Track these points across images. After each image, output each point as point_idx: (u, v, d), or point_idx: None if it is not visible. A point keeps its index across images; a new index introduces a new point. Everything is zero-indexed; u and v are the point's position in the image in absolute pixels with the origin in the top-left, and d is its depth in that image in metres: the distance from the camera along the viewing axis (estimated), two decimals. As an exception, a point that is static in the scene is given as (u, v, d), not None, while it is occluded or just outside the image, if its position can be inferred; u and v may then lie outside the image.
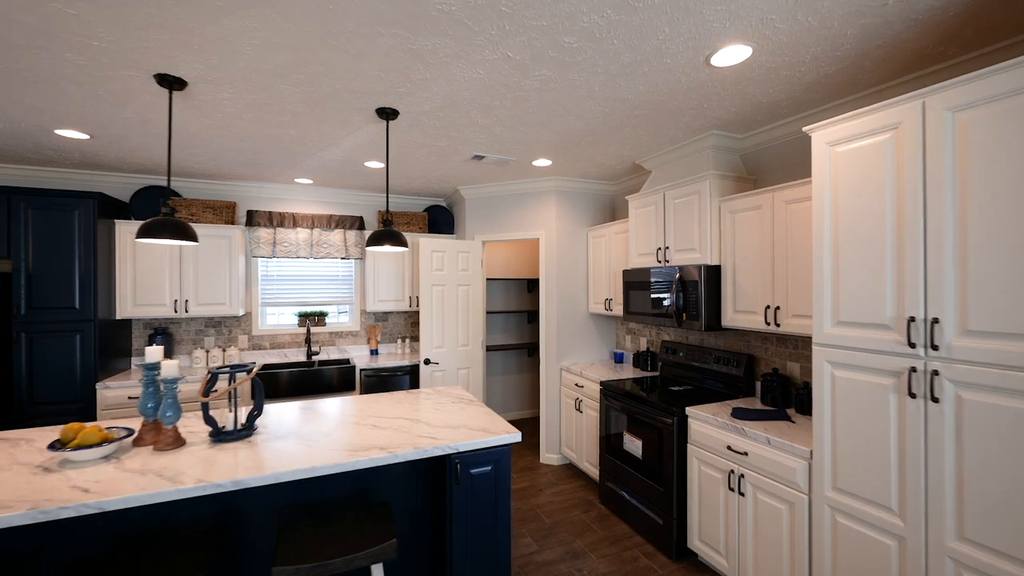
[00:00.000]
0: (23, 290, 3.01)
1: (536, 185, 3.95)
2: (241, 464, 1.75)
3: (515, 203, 4.08)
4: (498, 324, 5.15)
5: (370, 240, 2.32)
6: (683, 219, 2.86)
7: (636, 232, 3.28)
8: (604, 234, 3.81)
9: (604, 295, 3.80)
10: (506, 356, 5.19)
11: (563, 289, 3.97)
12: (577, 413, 3.66)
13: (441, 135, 2.75)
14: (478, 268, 4.15)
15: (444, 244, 4.01)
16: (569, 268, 4.00)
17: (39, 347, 3.06)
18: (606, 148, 3.05)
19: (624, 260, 3.56)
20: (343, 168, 3.49)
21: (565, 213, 3.98)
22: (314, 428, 2.17)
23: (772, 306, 2.34)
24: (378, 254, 4.22)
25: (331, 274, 4.42)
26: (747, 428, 2.16)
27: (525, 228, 4.05)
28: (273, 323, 4.26)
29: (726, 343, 3.00)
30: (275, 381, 3.58)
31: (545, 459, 3.98)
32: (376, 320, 4.56)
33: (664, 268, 2.97)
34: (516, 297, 5.25)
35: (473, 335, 4.12)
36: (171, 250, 3.55)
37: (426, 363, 3.92)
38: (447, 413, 2.40)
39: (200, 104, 2.27)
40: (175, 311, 3.57)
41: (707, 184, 2.68)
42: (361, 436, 2.05)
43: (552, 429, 3.97)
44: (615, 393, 3.09)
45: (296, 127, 2.59)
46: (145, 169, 3.52)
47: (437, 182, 3.99)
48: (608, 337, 4.16)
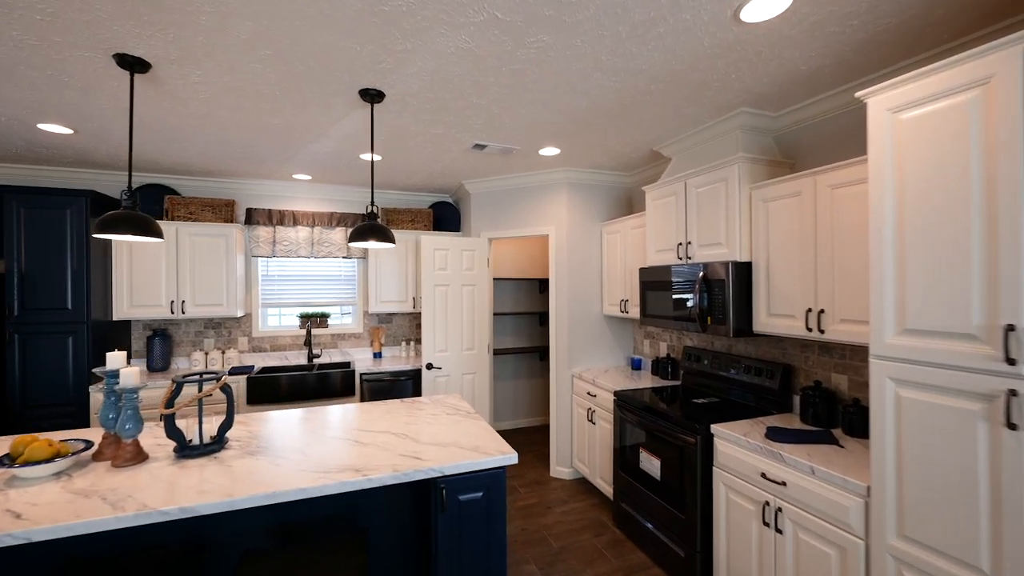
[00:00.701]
0: (16, 290, 2.93)
1: (545, 177, 3.67)
2: (200, 486, 1.54)
3: (523, 197, 3.81)
4: (508, 327, 4.88)
5: (353, 235, 2.10)
6: (708, 210, 2.53)
7: (654, 226, 2.96)
8: (619, 229, 3.50)
9: (619, 296, 3.49)
10: (516, 360, 4.93)
11: (575, 289, 3.68)
12: (589, 424, 3.36)
13: (435, 120, 2.51)
14: (484, 267, 3.90)
15: (447, 242, 3.77)
16: (581, 266, 3.70)
17: (32, 349, 2.97)
18: (619, 132, 2.75)
19: (641, 257, 3.24)
20: (338, 162, 3.29)
21: (577, 207, 3.68)
22: (290, 443, 1.95)
23: (814, 309, 2.00)
24: (380, 253, 4.02)
25: (333, 274, 4.25)
26: (785, 453, 1.83)
27: (533, 224, 3.77)
28: (275, 324, 4.11)
29: (758, 350, 2.65)
30: (272, 386, 3.42)
31: (556, 472, 3.69)
32: (380, 322, 4.36)
33: (686, 266, 2.64)
34: (527, 298, 4.97)
35: (479, 338, 3.86)
36: (167, 249, 3.43)
37: (428, 368, 3.68)
38: (439, 427, 2.15)
39: (173, 90, 2.09)
40: (172, 312, 3.44)
41: (735, 169, 2.35)
42: (338, 454, 1.82)
43: (563, 441, 3.68)
44: (630, 405, 2.78)
45: (278, 115, 2.39)
46: (139, 167, 3.40)
47: (439, 176, 3.75)
48: (624, 341, 3.84)
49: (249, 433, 2.09)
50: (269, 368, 3.78)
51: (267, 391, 3.41)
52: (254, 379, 3.38)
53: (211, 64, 1.86)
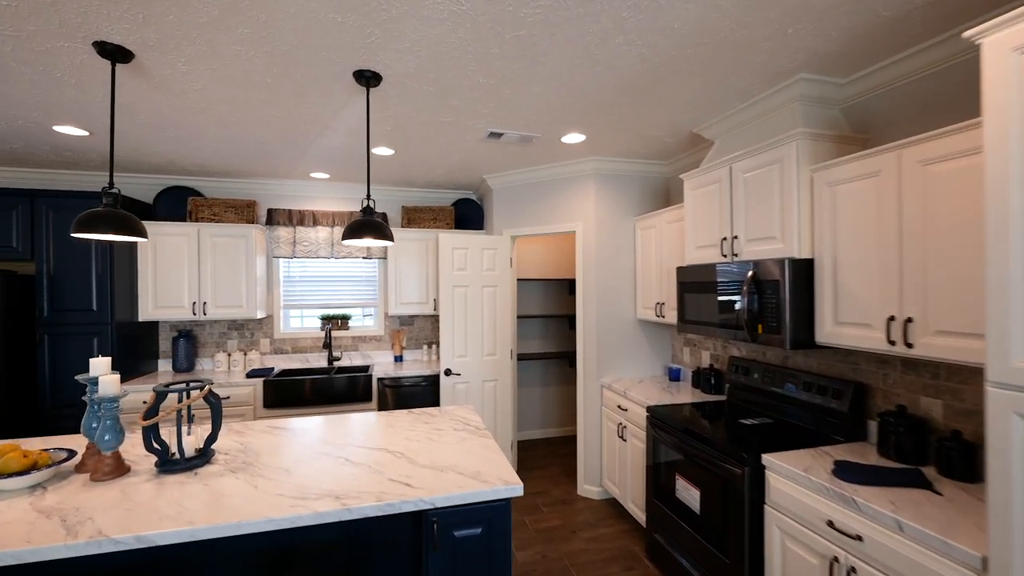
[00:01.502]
0: (45, 292, 2.99)
1: (570, 169, 3.36)
2: (166, 509, 1.39)
3: (547, 191, 3.52)
4: (535, 330, 4.60)
5: (346, 232, 1.90)
6: (758, 199, 2.15)
7: (694, 219, 2.59)
8: (654, 224, 3.13)
9: (655, 298, 3.13)
10: (545, 366, 4.63)
11: (604, 290, 3.35)
12: (620, 441, 3.02)
13: (441, 106, 2.28)
14: (506, 267, 3.64)
15: (467, 240, 3.54)
16: (611, 265, 3.36)
17: (60, 349, 3.02)
18: (651, 112, 2.40)
19: (679, 255, 2.87)
20: (350, 158, 3.15)
21: (606, 201, 3.35)
22: (278, 459, 1.79)
23: (899, 317, 1.59)
24: (399, 253, 3.86)
25: (354, 275, 4.14)
26: (860, 498, 1.45)
27: (559, 220, 3.47)
28: (297, 326, 4.05)
29: (821, 365, 2.23)
30: (287, 390, 3.33)
31: (584, 491, 3.38)
32: (401, 324, 4.21)
33: (732, 264, 2.27)
34: (556, 299, 4.67)
35: (500, 343, 3.61)
36: (189, 251, 3.43)
37: (447, 374, 3.48)
38: (441, 445, 1.92)
39: (164, 82, 1.98)
40: (193, 313, 3.44)
41: (793, 148, 1.96)
42: (324, 476, 1.63)
43: (591, 457, 3.35)
44: (665, 423, 2.43)
45: (276, 106, 2.25)
46: (162, 169, 3.42)
47: (459, 171, 3.54)
48: (661, 349, 3.46)
49: (240, 446, 1.95)
50: (288, 371, 3.71)
51: (283, 395, 3.33)
52: (270, 383, 3.31)
53: (191, 49, 1.72)
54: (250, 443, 1.98)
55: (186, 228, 3.42)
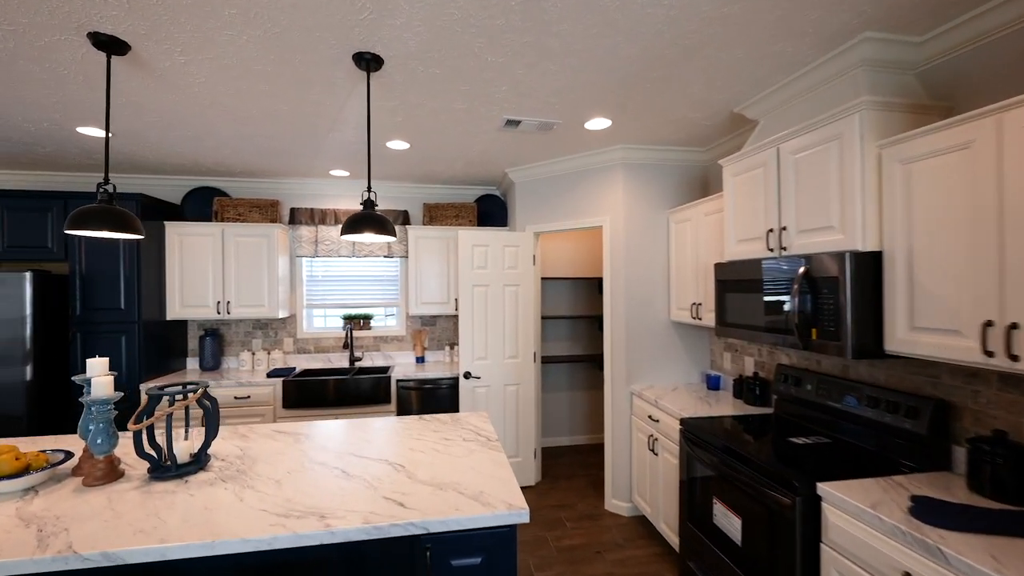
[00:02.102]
0: (78, 291, 3.07)
1: (597, 159, 3.12)
2: (144, 522, 1.30)
3: (572, 184, 3.29)
4: (562, 331, 4.38)
5: (345, 227, 1.77)
6: (811, 183, 1.85)
7: (735, 210, 2.30)
8: (689, 216, 2.84)
9: (690, 298, 2.84)
10: (572, 370, 4.40)
11: (634, 290, 3.09)
12: (651, 455, 2.76)
13: (452, 92, 2.12)
14: (529, 265, 3.45)
15: (488, 237, 3.38)
16: (642, 263, 3.10)
17: (91, 347, 3.10)
18: (684, 90, 2.14)
19: (718, 250, 2.57)
20: (365, 153, 3.05)
21: (636, 192, 3.09)
22: (272, 468, 1.68)
23: (999, 323, 1.27)
24: (420, 251, 3.75)
25: (376, 274, 4.07)
26: (950, 548, 1.16)
27: (584, 214, 3.24)
28: (320, 326, 4.03)
29: (890, 377, 1.90)
30: (306, 391, 3.29)
31: (611, 506, 3.13)
32: (423, 324, 4.10)
33: (779, 260, 1.98)
34: (584, 299, 4.42)
35: (523, 345, 3.42)
36: (213, 250, 3.46)
37: (466, 377, 3.32)
38: (446, 458, 1.75)
39: (166, 75, 1.93)
40: (217, 312, 3.46)
41: (855, 121, 1.65)
42: (313, 489, 1.50)
43: (620, 469, 3.10)
44: (702, 438, 2.16)
45: (282, 99, 2.16)
46: (188, 170, 3.46)
47: (479, 165, 3.37)
48: (698, 353, 3.16)
49: (239, 451, 1.86)
50: (309, 371, 3.68)
51: (301, 396, 3.28)
52: (289, 383, 3.27)
53: (183, 36, 1.64)
54: (250, 448, 1.89)
55: (211, 228, 3.45)
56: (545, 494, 3.36)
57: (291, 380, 3.28)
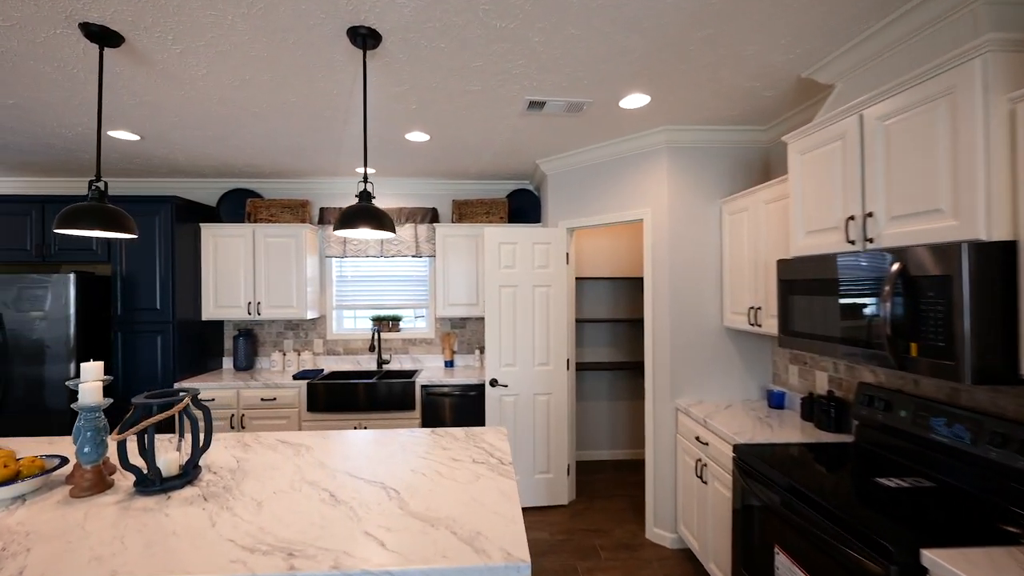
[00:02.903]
0: (119, 292, 3.18)
1: (636, 143, 2.78)
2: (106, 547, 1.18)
3: (609, 174, 2.97)
4: (602, 336, 4.04)
5: (338, 222, 1.60)
6: (909, 155, 1.44)
7: (804, 195, 1.91)
8: (746, 206, 2.44)
9: (747, 301, 2.44)
10: (613, 378, 4.05)
11: (680, 292, 2.72)
12: (699, 482, 2.39)
13: (463, 70, 1.89)
14: (562, 264, 3.16)
15: (516, 234, 3.13)
16: (690, 260, 2.72)
17: (130, 346, 3.19)
18: (738, 51, 1.78)
19: (783, 244, 2.17)
20: (386, 147, 2.90)
21: (683, 180, 2.71)
22: (259, 486, 1.54)
23: None
24: (447, 251, 3.57)
25: (404, 274, 3.95)
26: None
27: (622, 207, 2.91)
28: (350, 327, 3.97)
29: (1021, 408, 1.45)
30: (329, 394, 3.20)
31: (653, 535, 2.78)
32: (452, 327, 3.93)
33: (862, 255, 1.58)
34: (626, 301, 4.06)
35: (555, 351, 3.14)
36: (245, 251, 3.47)
37: (492, 385, 3.10)
38: (448, 484, 1.53)
39: (167, 68, 1.85)
40: (248, 313, 3.48)
41: (976, 68, 1.24)
42: (293, 516, 1.33)
43: (663, 494, 2.74)
44: (760, 472, 1.79)
45: (288, 89, 2.04)
46: (221, 172, 3.50)
47: (507, 156, 3.14)
48: (757, 366, 2.73)
49: (235, 463, 1.74)
50: (337, 373, 3.61)
51: (325, 399, 3.21)
52: (314, 386, 3.21)
53: (170, 21, 1.53)
54: (247, 461, 1.77)
55: (242, 229, 3.46)
56: (579, 515, 3.06)
57: (315, 383, 3.21)
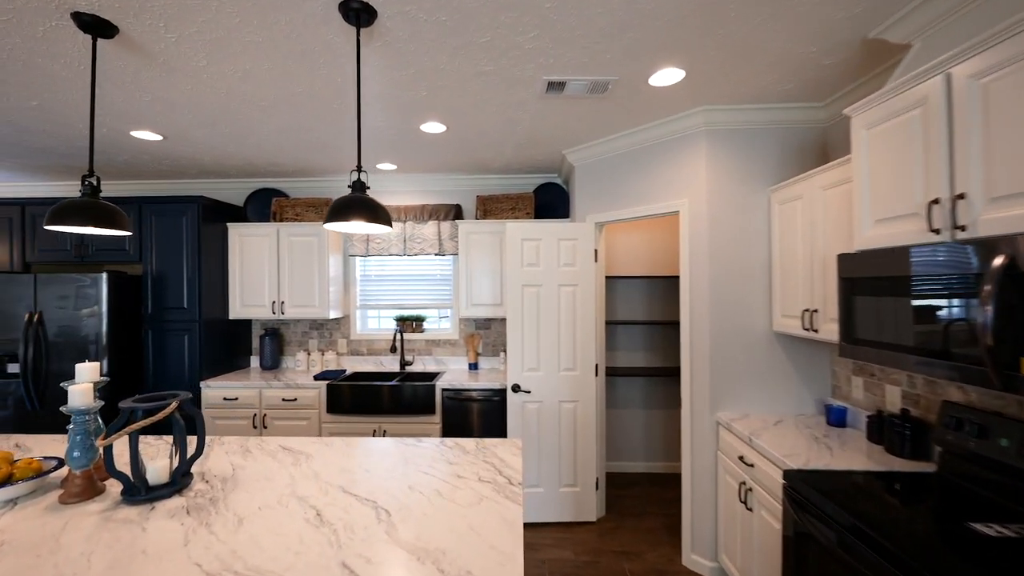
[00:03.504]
0: (149, 291, 3.25)
1: (670, 127, 2.51)
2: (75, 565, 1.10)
3: (640, 163, 2.72)
4: (637, 339, 3.76)
5: (329, 215, 1.47)
6: (1013, 121, 1.13)
7: (871, 175, 1.60)
8: (800, 193, 2.13)
9: (801, 303, 2.13)
10: (649, 385, 3.76)
11: (722, 291, 2.43)
12: (743, 508, 2.10)
13: (470, 47, 1.73)
14: (589, 262, 2.93)
15: (540, 230, 2.94)
16: (733, 257, 2.42)
17: (159, 345, 3.26)
18: (790, 11, 1.51)
19: (845, 236, 1.86)
20: (403, 140, 2.79)
21: (724, 166, 2.42)
22: (246, 498, 1.44)
23: None
24: (471, 249, 3.43)
25: (428, 273, 3.85)
26: None
27: (656, 199, 2.65)
28: (374, 327, 3.92)
29: None
30: (348, 396, 3.13)
31: (690, 562, 2.50)
32: (477, 328, 3.78)
33: (950, 247, 1.28)
34: (663, 302, 3.76)
35: (582, 356, 2.92)
36: (269, 250, 3.48)
37: (515, 390, 2.92)
38: (446, 506, 1.37)
39: (168, 60, 1.80)
40: (272, 312, 3.48)
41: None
42: (271, 538, 1.21)
43: (703, 517, 2.46)
44: (816, 505, 1.50)
45: (291, 78, 1.95)
46: (246, 172, 3.53)
47: (531, 147, 2.95)
48: (813, 376, 2.40)
49: (231, 470, 1.66)
50: (358, 374, 3.55)
51: (344, 401, 3.14)
52: (333, 387, 3.15)
53: (160, 8, 1.46)
54: (243, 468, 1.68)
55: (267, 228, 3.47)
56: (608, 534, 2.83)
57: (335, 384, 3.15)
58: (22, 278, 2.99)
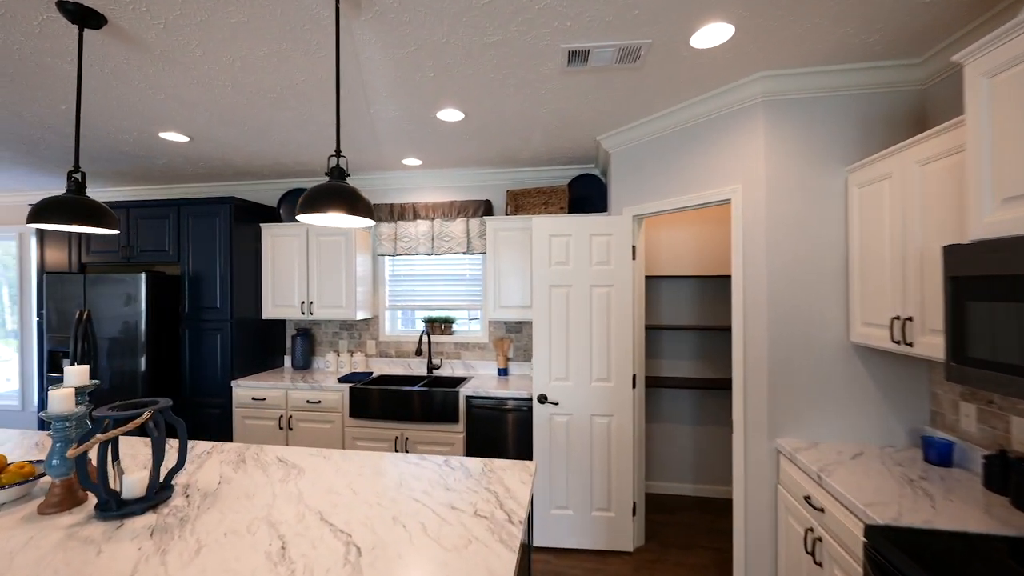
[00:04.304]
0: (186, 291, 3.33)
1: (720, 101, 2.14)
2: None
3: (684, 146, 2.36)
4: (684, 346, 3.37)
5: (301, 206, 1.30)
6: None
7: (994, 140, 1.19)
8: (889, 171, 1.70)
9: (889, 309, 1.70)
10: (698, 397, 3.35)
11: (783, 293, 2.03)
12: (809, 560, 1.71)
13: (472, 11, 1.50)
14: (626, 259, 2.61)
15: (569, 224, 2.65)
16: (797, 251, 2.02)
17: (196, 343, 3.32)
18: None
19: (953, 223, 1.43)
20: (420, 131, 2.62)
21: (787, 144, 2.02)
22: (216, 519, 1.31)
23: None
24: (499, 247, 3.21)
25: (458, 273, 3.67)
26: None
27: (703, 186, 2.28)
28: (404, 328, 3.81)
29: None
30: (370, 400, 3.02)
31: (744, 615, 2.11)
32: (508, 331, 3.56)
33: None
34: (715, 305, 3.33)
35: (618, 365, 2.60)
36: (299, 250, 3.46)
37: (541, 401, 2.66)
38: (428, 548, 1.16)
39: (165, 51, 1.73)
40: (302, 313, 3.46)
41: None
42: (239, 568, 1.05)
43: (758, 560, 2.07)
44: (914, 582, 1.13)
45: (291, 62, 1.83)
46: (276, 173, 3.53)
47: (562, 133, 2.67)
48: (905, 398, 1.93)
49: (215, 484, 1.55)
50: (383, 377, 3.45)
51: (366, 406, 3.03)
52: (355, 391, 3.05)
53: (138, -15, 1.37)
54: (230, 481, 1.57)
55: (296, 228, 3.46)
56: (646, 568, 2.49)
57: (357, 388, 3.06)
58: (75, 278, 3.16)
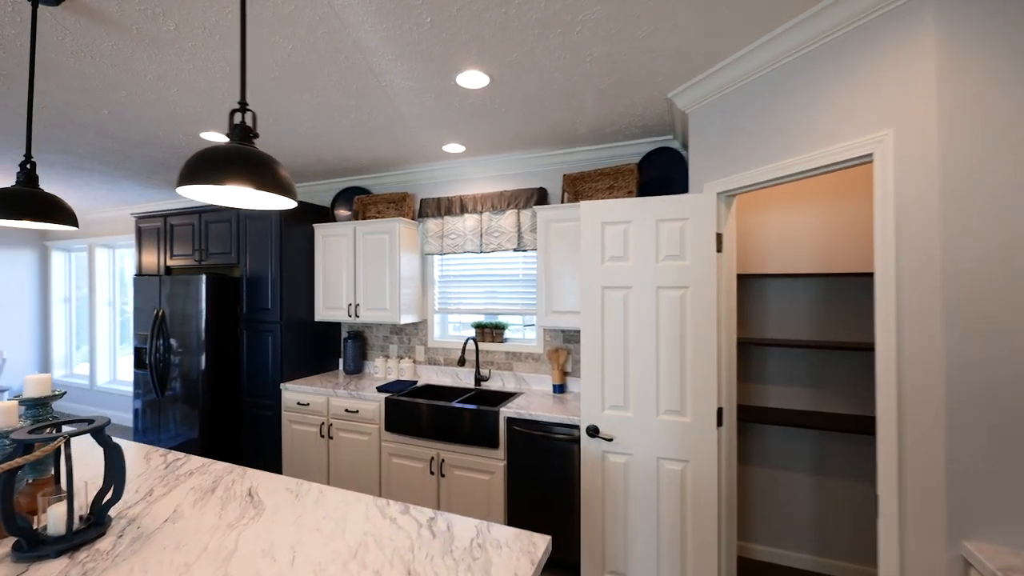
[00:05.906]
0: (244, 292, 3.37)
1: (854, 6, 1.40)
2: None
3: (795, 85, 1.63)
4: (799, 369, 2.51)
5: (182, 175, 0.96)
6: None
7: None
8: None
9: None
10: (822, 441, 2.47)
11: (970, 299, 1.22)
12: None
13: None
14: (709, 252, 1.93)
15: (628, 208, 2.05)
16: (1000, 233, 1.20)
17: (253, 344, 3.34)
18: None
19: None
20: (446, 105, 2.22)
21: (978, 58, 1.22)
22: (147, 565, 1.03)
23: None
24: (551, 243, 2.70)
25: (510, 273, 3.24)
26: None
27: (824, 140, 1.54)
28: (455, 333, 3.49)
29: None
30: (404, 414, 2.73)
31: None
32: (565, 340, 3.02)
33: None
34: (844, 313, 2.43)
35: (696, 392, 1.94)
36: (347, 250, 3.33)
37: (591, 434, 2.09)
38: None
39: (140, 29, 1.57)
40: (348, 315, 3.32)
41: None
42: None
43: None
44: None
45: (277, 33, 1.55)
46: (331, 172, 3.44)
47: (619, 92, 2.08)
48: None
49: (167, 519, 1.31)
50: (427, 388, 3.14)
51: (401, 420, 2.74)
52: (391, 403, 2.78)
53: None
54: (179, 519, 1.32)
55: (345, 227, 3.32)
56: None
57: (392, 399, 2.78)
58: (153, 280, 3.38)
